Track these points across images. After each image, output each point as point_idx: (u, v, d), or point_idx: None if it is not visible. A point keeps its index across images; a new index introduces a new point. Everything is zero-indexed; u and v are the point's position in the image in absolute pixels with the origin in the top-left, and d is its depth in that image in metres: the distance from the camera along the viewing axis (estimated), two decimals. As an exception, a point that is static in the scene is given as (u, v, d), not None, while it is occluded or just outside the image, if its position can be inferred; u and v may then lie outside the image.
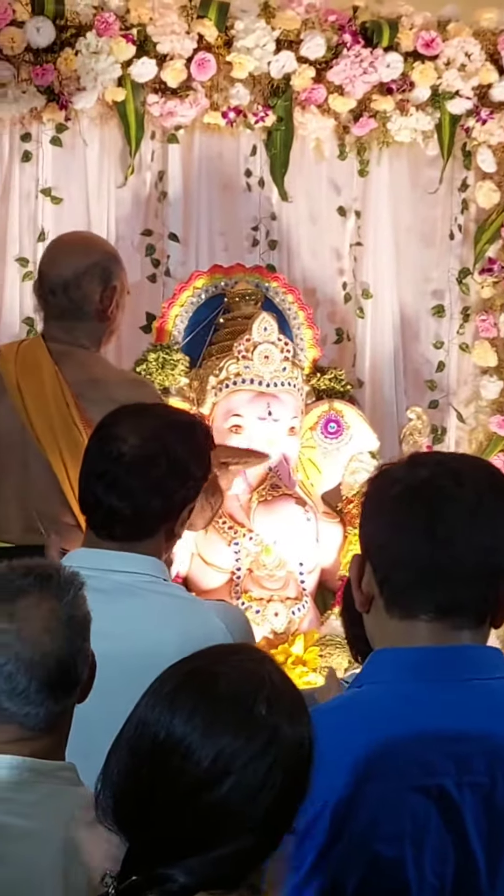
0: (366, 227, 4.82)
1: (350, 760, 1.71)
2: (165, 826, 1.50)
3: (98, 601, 2.37)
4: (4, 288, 4.48)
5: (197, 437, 2.61)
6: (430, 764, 1.72)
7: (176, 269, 4.59)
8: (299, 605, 4.04)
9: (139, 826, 1.52)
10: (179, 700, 1.53)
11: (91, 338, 3.62)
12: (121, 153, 4.55)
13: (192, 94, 4.42)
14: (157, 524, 2.52)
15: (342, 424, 4.32)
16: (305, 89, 4.53)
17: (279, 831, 1.54)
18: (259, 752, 1.51)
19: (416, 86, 4.61)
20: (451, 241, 4.89)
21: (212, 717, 1.51)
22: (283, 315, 4.39)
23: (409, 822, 1.70)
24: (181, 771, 1.50)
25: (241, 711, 1.52)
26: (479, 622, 1.81)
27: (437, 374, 4.88)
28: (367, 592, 1.85)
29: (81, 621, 1.98)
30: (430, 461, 1.86)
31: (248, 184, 4.67)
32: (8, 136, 4.45)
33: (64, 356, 3.57)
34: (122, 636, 2.32)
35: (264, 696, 1.54)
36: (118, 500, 2.48)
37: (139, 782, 1.52)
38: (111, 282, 3.62)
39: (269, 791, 1.51)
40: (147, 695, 1.57)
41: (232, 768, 1.49)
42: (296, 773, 1.54)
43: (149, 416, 2.61)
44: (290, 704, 1.56)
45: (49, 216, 4.49)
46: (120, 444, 2.51)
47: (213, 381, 4.12)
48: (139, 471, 2.49)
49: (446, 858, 1.71)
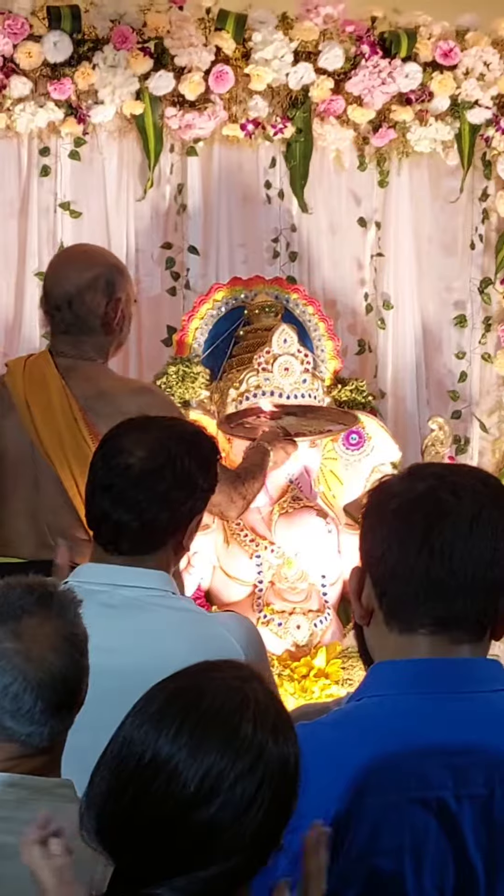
0: (386, 237, 4.81)
1: (348, 774, 1.70)
2: (151, 847, 1.49)
3: (107, 616, 2.39)
4: (24, 303, 4.48)
5: (202, 448, 2.59)
6: (429, 777, 1.71)
7: (196, 282, 4.58)
8: (321, 617, 4.02)
9: (125, 847, 1.51)
10: (165, 720, 1.52)
11: (98, 350, 3.61)
12: (140, 166, 4.55)
13: (210, 106, 4.42)
14: (164, 537, 2.51)
15: (363, 436, 4.29)
16: (324, 100, 4.52)
17: (266, 849, 1.53)
18: (245, 772, 1.49)
19: (435, 96, 4.60)
20: (472, 251, 4.87)
21: (198, 738, 1.50)
22: (304, 327, 4.37)
23: (409, 836, 1.70)
24: (167, 792, 1.48)
25: (226, 732, 1.51)
26: (479, 636, 1.80)
27: (459, 384, 4.86)
28: (367, 605, 1.84)
29: (82, 639, 1.97)
30: (429, 474, 1.84)
31: (267, 196, 4.66)
32: (26, 151, 4.46)
33: (71, 370, 3.56)
34: (131, 651, 2.32)
35: (249, 714, 1.52)
36: (126, 513, 2.46)
37: (124, 803, 1.51)
38: (115, 293, 3.60)
39: (257, 810, 1.49)
40: (132, 714, 1.56)
41: (219, 789, 1.48)
42: (282, 791, 1.53)
43: (154, 428, 2.59)
44: (276, 722, 1.55)
45: (68, 230, 4.50)
46: (126, 457, 2.49)
47: (234, 394, 4.11)
48: (146, 483, 2.47)
49: (446, 871, 1.70)
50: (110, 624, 2.39)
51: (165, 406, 3.51)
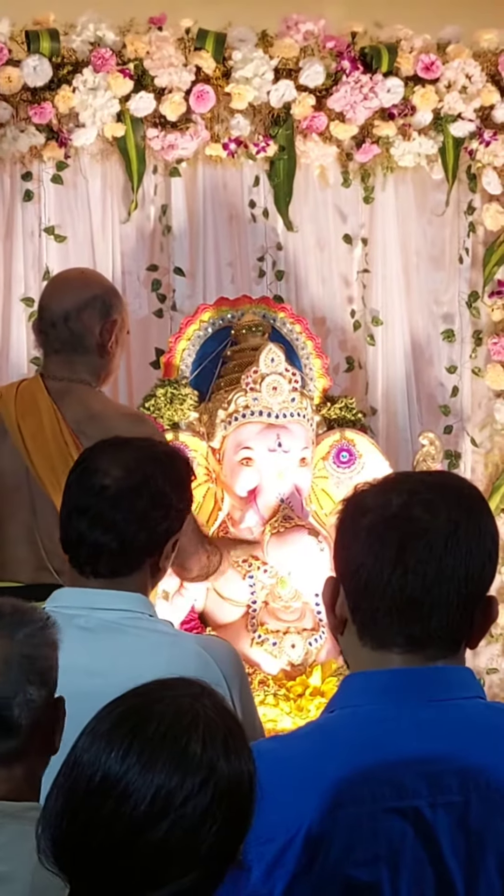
0: (373, 253, 4.79)
1: (322, 786, 1.68)
2: (106, 868, 1.47)
3: (84, 639, 2.40)
4: (10, 328, 4.47)
5: (177, 467, 2.59)
6: (403, 786, 1.70)
7: (183, 303, 4.57)
8: (316, 635, 4.01)
9: (79, 869, 1.50)
10: (114, 740, 1.51)
11: (91, 373, 3.59)
12: (123, 188, 4.54)
13: (192, 126, 4.41)
14: (142, 558, 2.50)
15: (354, 453, 4.28)
16: (306, 117, 4.51)
17: (223, 866, 1.52)
18: (196, 791, 1.48)
19: (418, 110, 4.59)
20: (459, 265, 4.86)
21: (146, 758, 1.49)
22: (291, 345, 4.35)
23: (385, 845, 1.68)
24: (117, 813, 1.47)
25: (175, 752, 1.49)
26: (453, 651, 1.79)
27: (450, 399, 4.84)
28: (341, 615, 1.83)
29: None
30: (404, 488, 1.82)
31: (252, 215, 4.65)
32: (9, 176, 4.45)
33: (63, 394, 3.55)
34: (109, 673, 2.27)
35: (199, 734, 1.51)
36: (103, 534, 2.46)
37: (76, 825, 1.50)
38: (111, 316, 3.59)
39: (210, 828, 1.48)
40: (83, 735, 1.55)
41: (169, 808, 1.47)
42: (236, 807, 1.51)
43: (128, 449, 2.59)
44: (226, 739, 1.53)
45: (53, 255, 4.48)
46: (101, 477, 2.49)
47: (222, 415, 4.09)
48: (123, 503, 2.47)
49: (423, 880, 1.69)
50: (88, 647, 2.40)
51: (156, 434, 3.50)
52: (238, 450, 4.06)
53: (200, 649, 2.47)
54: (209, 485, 4.05)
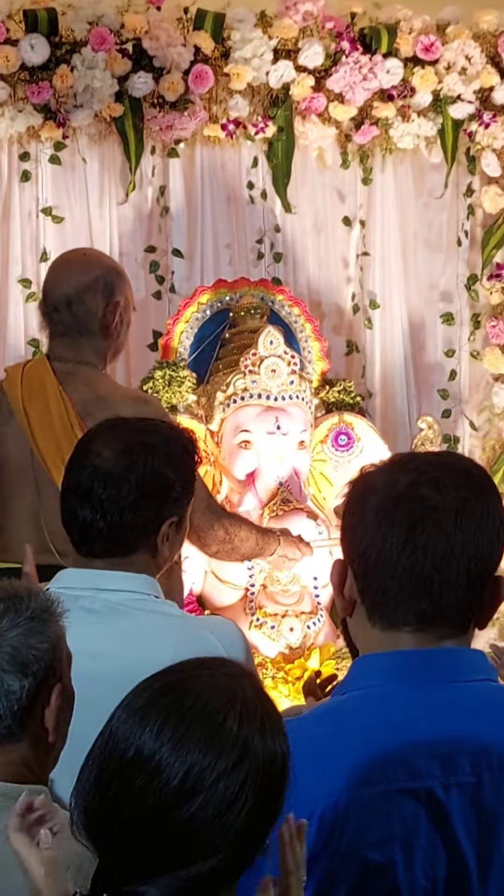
0: (371, 235, 4.78)
1: (335, 769, 1.68)
2: (135, 843, 1.47)
3: (90, 621, 2.39)
4: (8, 309, 4.45)
5: (174, 450, 2.56)
6: (417, 767, 1.70)
7: (181, 285, 4.56)
8: (314, 619, 4.01)
9: (110, 842, 1.49)
10: (150, 715, 1.50)
11: (96, 355, 3.59)
12: (121, 169, 4.52)
13: (190, 107, 4.39)
14: (134, 539, 2.49)
15: (352, 436, 4.27)
16: (305, 98, 4.49)
17: (251, 849, 1.51)
18: (229, 769, 1.47)
19: (417, 91, 4.58)
20: (458, 248, 4.84)
21: (181, 733, 1.48)
22: (290, 328, 4.34)
23: (399, 827, 1.68)
24: (149, 788, 1.46)
25: (211, 727, 1.49)
26: (462, 630, 1.78)
27: (448, 382, 4.82)
28: (350, 597, 1.82)
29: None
30: (412, 468, 1.81)
31: (250, 196, 4.64)
32: (6, 157, 4.44)
33: (69, 375, 3.55)
34: (115, 656, 2.30)
35: (235, 710, 1.50)
36: (92, 513, 2.46)
37: (108, 798, 1.49)
38: (114, 297, 3.58)
39: (241, 808, 1.47)
40: (119, 709, 1.54)
41: (202, 785, 1.46)
42: (268, 790, 1.50)
43: (124, 430, 2.58)
44: (263, 720, 1.53)
45: (51, 236, 4.47)
46: (94, 458, 2.49)
47: (221, 397, 4.08)
48: (111, 484, 2.46)
49: (437, 860, 1.68)
50: (93, 629, 2.39)
51: (161, 416, 3.47)
52: (236, 432, 4.05)
53: (206, 631, 2.47)
54: (207, 467, 4.04)
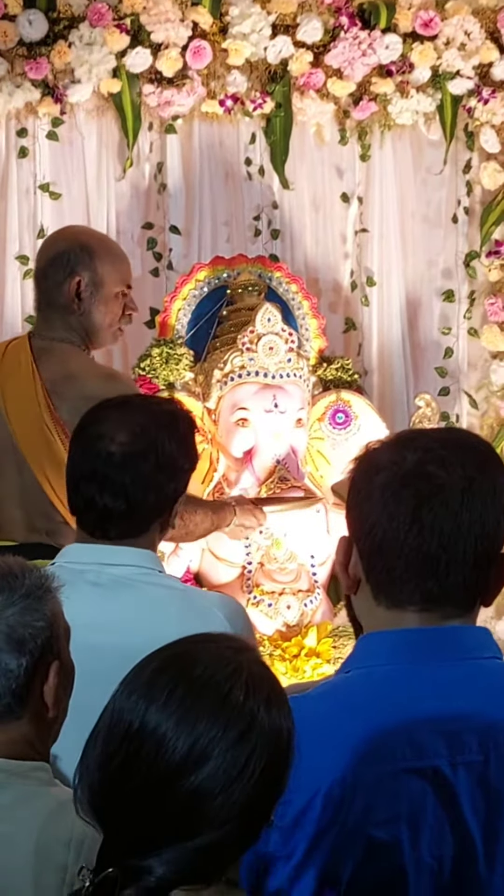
0: (369, 212, 4.76)
1: (341, 747, 1.68)
2: (140, 817, 1.47)
3: (95, 595, 2.42)
4: (5, 286, 4.45)
5: (180, 427, 2.58)
6: (423, 745, 1.70)
7: (178, 263, 4.54)
8: (311, 597, 4.01)
9: (115, 817, 1.49)
10: (156, 688, 1.50)
11: (70, 332, 3.59)
12: (118, 146, 4.51)
13: (188, 82, 4.37)
14: (151, 519, 2.51)
15: (350, 414, 4.26)
16: (303, 74, 4.47)
17: (257, 823, 1.51)
18: (236, 741, 1.48)
19: (416, 67, 4.55)
20: (456, 224, 4.82)
21: (188, 705, 1.48)
22: (287, 305, 4.33)
23: (405, 805, 1.68)
24: (155, 760, 1.47)
25: (217, 699, 1.49)
26: (468, 608, 1.78)
27: (445, 360, 4.81)
28: (354, 575, 1.81)
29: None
30: (417, 445, 1.80)
31: (248, 172, 4.62)
32: (4, 133, 4.42)
33: (44, 352, 3.56)
34: (120, 629, 2.32)
35: (241, 683, 1.50)
36: (112, 499, 2.46)
37: (113, 772, 1.49)
38: (75, 273, 3.56)
39: (247, 780, 1.47)
40: (123, 683, 1.54)
41: (208, 757, 1.46)
42: (274, 762, 1.50)
43: (130, 411, 2.58)
44: (269, 693, 1.53)
45: (48, 212, 4.46)
46: (107, 443, 2.49)
47: (218, 375, 4.07)
48: (130, 468, 2.47)
49: (443, 839, 1.69)
50: (98, 603, 2.41)
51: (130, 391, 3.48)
52: (234, 410, 4.04)
53: (210, 604, 2.49)
54: (204, 445, 4.04)
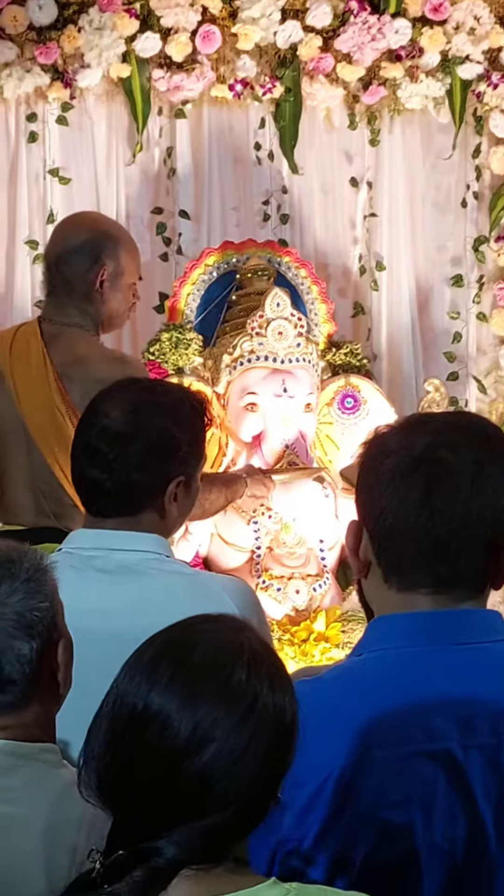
0: (379, 197, 4.76)
1: (352, 731, 1.68)
2: (148, 799, 1.47)
3: (102, 581, 2.41)
4: (15, 271, 4.45)
5: (183, 410, 2.56)
6: (435, 728, 1.70)
7: (188, 247, 4.55)
8: (320, 581, 4.02)
9: (122, 800, 1.50)
10: (157, 670, 1.50)
11: (84, 317, 3.59)
12: (128, 130, 4.51)
13: (198, 67, 4.37)
14: (141, 498, 2.49)
15: (359, 399, 4.27)
16: (313, 59, 4.47)
17: (264, 802, 1.51)
18: (239, 721, 1.48)
19: (426, 51, 4.55)
20: (465, 209, 4.82)
21: (190, 687, 1.48)
22: (297, 290, 4.33)
23: (417, 788, 1.68)
24: (159, 742, 1.47)
25: (219, 679, 1.49)
26: (479, 591, 1.78)
27: (454, 344, 4.82)
28: (365, 559, 1.81)
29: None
30: (427, 429, 1.80)
31: (257, 157, 4.62)
32: (14, 117, 4.43)
33: (54, 337, 3.57)
34: (128, 615, 2.30)
35: (243, 663, 1.50)
36: (99, 472, 2.47)
37: (119, 755, 1.50)
38: (101, 260, 3.57)
39: (252, 760, 1.47)
40: (125, 666, 1.54)
41: (212, 738, 1.47)
42: (279, 741, 1.51)
43: (132, 391, 2.58)
44: (271, 672, 1.53)
45: (58, 197, 4.47)
46: (102, 418, 2.50)
47: (227, 360, 4.08)
48: (118, 444, 2.46)
49: (455, 821, 1.69)
50: (107, 589, 2.40)
51: (140, 376, 3.49)
52: (243, 395, 4.05)
53: (219, 588, 2.47)
54: (213, 430, 4.04)
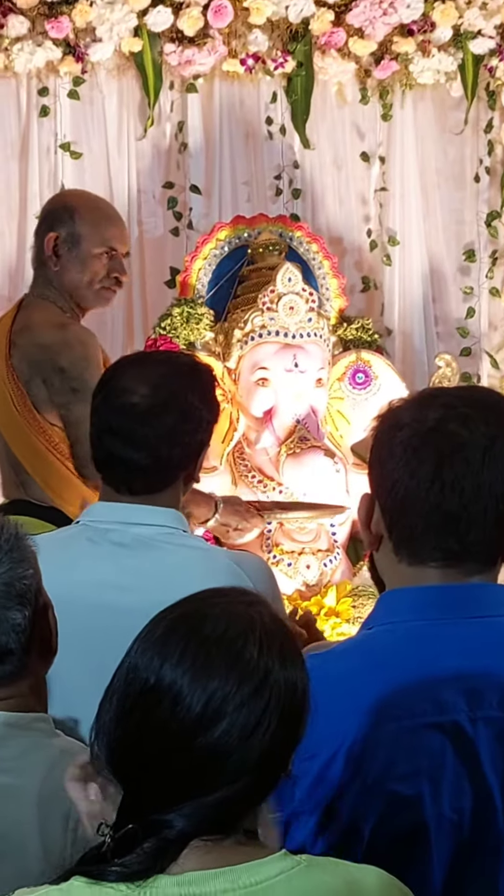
0: (391, 172, 4.76)
1: (362, 703, 1.69)
2: (159, 773, 1.48)
3: (119, 555, 2.40)
4: (26, 245, 4.41)
5: (203, 379, 2.56)
6: (443, 701, 1.71)
7: (199, 222, 4.55)
8: (331, 556, 4.02)
9: (133, 773, 1.50)
10: (169, 645, 1.50)
11: (49, 288, 3.66)
12: (139, 105, 4.51)
13: (209, 41, 4.37)
14: (176, 472, 2.49)
15: (370, 375, 4.26)
16: (325, 33, 4.46)
17: (274, 774, 1.52)
18: (251, 695, 1.48)
19: (438, 26, 4.54)
20: (477, 184, 4.82)
21: (201, 662, 1.48)
22: (308, 265, 4.32)
23: (426, 760, 1.69)
24: (171, 717, 1.47)
25: (230, 654, 1.49)
26: (490, 565, 1.79)
27: (467, 320, 4.81)
28: (377, 532, 1.83)
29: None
30: (440, 403, 1.81)
31: (269, 132, 4.62)
32: (25, 92, 4.43)
33: (25, 308, 3.67)
34: (144, 589, 2.29)
35: (255, 637, 1.50)
36: (135, 452, 2.44)
37: (130, 729, 1.50)
38: (54, 228, 3.64)
39: (263, 734, 1.48)
40: (137, 640, 1.54)
41: (223, 712, 1.47)
42: (289, 715, 1.51)
43: (152, 364, 2.58)
44: (282, 646, 1.53)
45: (69, 171, 4.47)
46: (129, 396, 2.47)
47: (239, 335, 4.07)
48: (153, 420, 2.45)
49: (463, 793, 1.70)
50: (122, 562, 2.40)
51: (77, 342, 3.56)
52: (254, 370, 4.04)
53: (233, 564, 2.47)
54: (225, 405, 4.05)
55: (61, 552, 2.43)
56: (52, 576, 2.22)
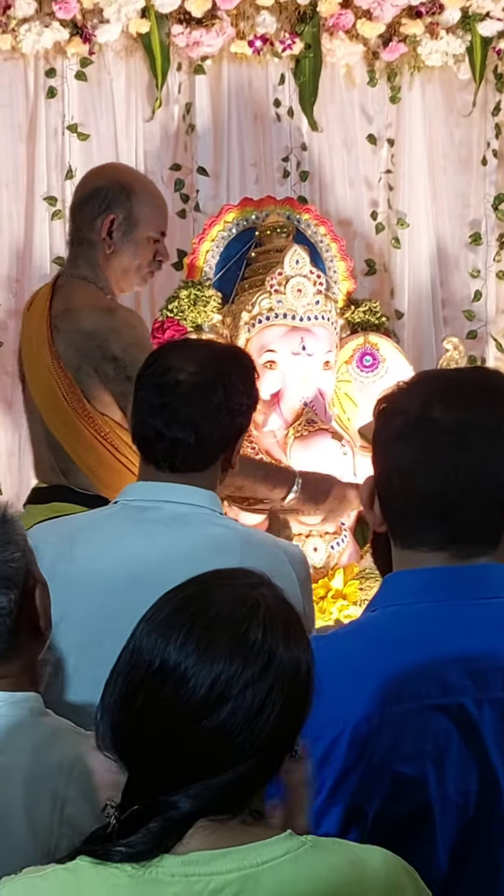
0: (399, 154, 4.75)
1: (367, 685, 1.70)
2: (164, 754, 1.48)
3: (155, 532, 2.43)
4: (34, 227, 4.45)
5: (245, 364, 2.60)
6: (448, 683, 1.72)
7: (206, 204, 4.54)
8: (338, 539, 4.02)
9: (138, 755, 1.50)
10: (173, 627, 1.51)
11: (93, 270, 3.56)
12: (147, 86, 4.50)
13: (217, 23, 4.36)
14: (217, 452, 2.51)
15: (377, 357, 4.25)
16: (333, 15, 4.45)
17: (280, 755, 1.52)
18: (256, 677, 1.48)
19: (446, 8, 4.53)
20: (485, 167, 4.81)
21: (206, 643, 1.49)
22: (316, 247, 4.31)
23: (430, 742, 1.70)
24: (176, 699, 1.48)
25: (235, 636, 1.49)
26: (492, 546, 1.79)
27: (474, 303, 4.80)
28: (380, 513, 1.83)
29: None
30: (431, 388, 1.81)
31: (277, 114, 4.61)
32: (32, 73, 4.42)
33: (60, 289, 3.56)
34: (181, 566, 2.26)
35: (259, 619, 1.51)
36: (180, 430, 2.46)
37: (135, 711, 1.50)
38: (111, 209, 3.54)
39: (268, 716, 1.48)
40: (142, 621, 1.55)
41: (229, 694, 1.47)
42: (294, 697, 1.51)
43: (196, 346, 2.63)
44: (287, 628, 1.53)
45: (77, 153, 4.46)
46: (176, 373, 2.49)
47: (246, 317, 4.07)
48: (198, 399, 2.47)
49: (468, 775, 1.71)
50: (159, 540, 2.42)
51: (126, 326, 3.49)
52: (261, 353, 4.03)
53: (275, 547, 2.50)
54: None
55: (99, 530, 2.48)
56: (91, 552, 2.30)
